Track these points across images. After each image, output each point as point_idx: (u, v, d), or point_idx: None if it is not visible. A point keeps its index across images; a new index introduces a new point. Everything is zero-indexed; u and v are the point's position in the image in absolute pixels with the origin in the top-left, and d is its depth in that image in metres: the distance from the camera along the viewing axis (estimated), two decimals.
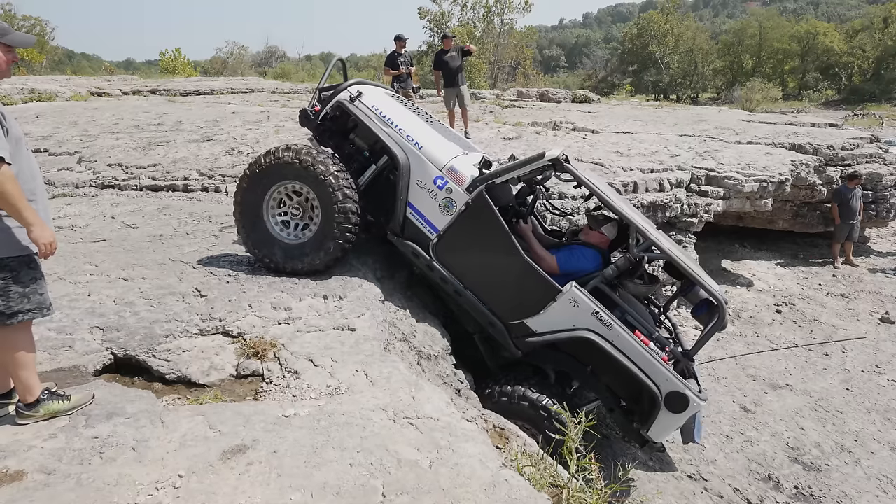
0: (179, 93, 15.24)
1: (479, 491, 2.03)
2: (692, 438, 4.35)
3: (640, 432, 4.16)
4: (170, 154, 7.65)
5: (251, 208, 3.95)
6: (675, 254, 4.03)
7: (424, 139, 4.12)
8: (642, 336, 3.98)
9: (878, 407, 6.03)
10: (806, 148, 9.69)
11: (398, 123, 4.13)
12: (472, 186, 3.94)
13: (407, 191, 4.01)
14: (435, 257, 4.03)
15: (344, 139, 4.36)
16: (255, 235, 3.96)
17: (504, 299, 4.05)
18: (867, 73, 49.24)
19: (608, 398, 4.26)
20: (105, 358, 2.89)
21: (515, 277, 3.98)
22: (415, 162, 4.01)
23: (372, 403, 2.56)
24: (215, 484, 2.00)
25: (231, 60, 45.12)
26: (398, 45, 9.11)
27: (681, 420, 4.04)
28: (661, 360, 3.93)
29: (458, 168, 4.03)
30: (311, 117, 4.29)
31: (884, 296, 8.84)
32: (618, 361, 3.86)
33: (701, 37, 55.15)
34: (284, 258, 3.91)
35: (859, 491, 4.79)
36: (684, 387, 3.93)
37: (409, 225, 4.06)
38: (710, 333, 4.06)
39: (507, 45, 36.76)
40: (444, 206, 3.97)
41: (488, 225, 3.93)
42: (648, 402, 4.04)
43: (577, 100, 17.72)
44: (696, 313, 4.52)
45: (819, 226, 9.90)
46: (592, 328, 3.86)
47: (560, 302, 3.89)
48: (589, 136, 10.02)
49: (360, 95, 4.19)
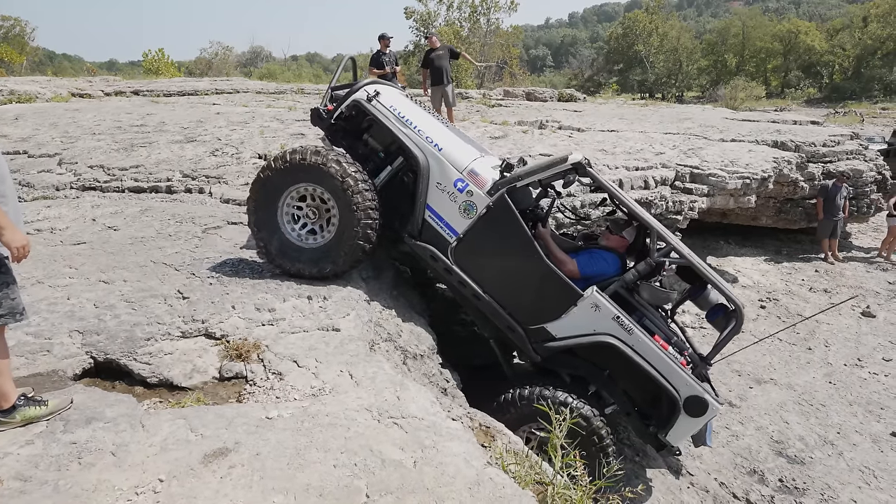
0: (163, 93, 15.06)
1: (464, 489, 2.03)
2: (703, 441, 4.34)
3: (658, 436, 4.14)
4: (152, 155, 7.55)
5: (266, 212, 3.84)
6: (695, 259, 4.03)
7: (443, 141, 4.05)
8: (661, 340, 3.97)
9: (860, 399, 6.13)
10: (788, 145, 9.81)
11: (417, 124, 4.04)
12: (494, 189, 3.88)
13: (426, 193, 3.94)
14: (454, 261, 3.96)
15: (357, 140, 4.27)
16: (269, 238, 3.85)
17: (524, 304, 4.00)
18: (847, 71, 49.99)
19: (625, 402, 4.24)
20: (84, 362, 2.84)
21: (536, 282, 3.93)
22: (434, 164, 3.94)
23: (356, 404, 2.54)
24: (196, 488, 1.98)
25: (216, 61, 44.74)
26: (382, 45, 9.09)
27: (699, 424, 4.05)
28: (680, 365, 3.93)
29: (478, 171, 3.97)
30: (324, 117, 4.19)
31: (865, 290, 8.98)
32: (639, 366, 3.84)
33: (685, 36, 55.70)
34: (299, 262, 3.82)
35: (842, 483, 4.86)
36: (703, 391, 3.94)
37: (427, 228, 3.98)
38: (728, 338, 4.07)
39: (493, 44, 36.80)
40: (464, 209, 3.90)
41: (509, 228, 3.88)
42: (668, 407, 4.03)
43: (564, 99, 17.77)
44: (711, 318, 4.49)
45: (802, 222, 10.03)
46: (613, 333, 3.84)
47: (581, 307, 3.86)
48: (575, 135, 10.06)
49: (377, 95, 4.10)
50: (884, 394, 6.25)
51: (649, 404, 4.22)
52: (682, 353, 4.13)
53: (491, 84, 29.30)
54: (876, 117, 34.53)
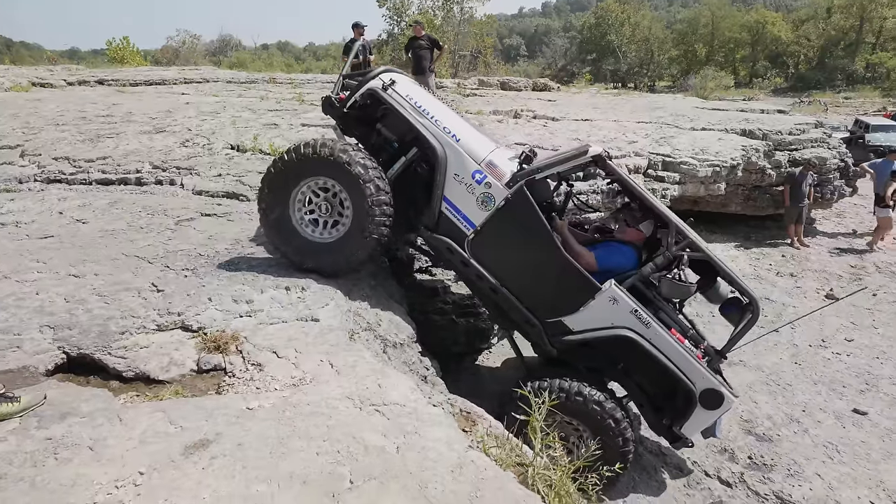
0: (129, 83, 14.62)
1: (447, 473, 2.06)
2: (713, 433, 4.40)
3: (673, 429, 4.19)
4: (120, 146, 7.35)
5: (277, 207, 3.78)
6: (712, 253, 4.07)
7: (461, 131, 3.98)
8: (677, 334, 4.00)
9: (823, 379, 6.37)
10: (756, 133, 10.05)
11: (434, 114, 3.97)
12: (512, 181, 3.83)
13: (443, 185, 3.87)
14: (471, 253, 3.92)
15: (370, 129, 4.19)
16: (281, 234, 3.80)
17: (542, 297, 3.99)
18: (812, 61, 51.30)
19: (639, 395, 4.29)
20: (57, 357, 2.78)
21: (554, 275, 3.92)
22: (452, 155, 3.87)
23: (338, 392, 2.55)
24: (178, 479, 1.97)
25: (183, 49, 43.60)
26: (356, 33, 9.00)
27: (714, 416, 4.09)
28: (696, 358, 3.97)
29: (496, 162, 3.91)
30: (337, 105, 4.10)
31: (829, 274, 9.29)
32: (656, 360, 3.86)
33: (656, 26, 56.41)
34: (312, 257, 3.77)
35: (807, 458, 5.06)
36: (719, 384, 3.99)
37: (444, 220, 3.92)
38: (744, 331, 4.11)
39: (467, 33, 36.65)
40: (482, 202, 3.84)
41: (528, 221, 3.85)
42: (684, 400, 4.07)
43: (538, 88, 17.85)
44: (724, 311, 4.52)
45: (769, 208, 10.31)
46: (632, 327, 3.84)
47: (599, 300, 3.86)
48: (549, 124, 10.14)
49: (393, 83, 4.02)
50: (846, 373, 6.50)
51: (663, 397, 4.24)
52: (697, 346, 4.15)
53: (465, 73, 29.22)
54: (839, 106, 35.55)
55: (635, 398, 4.31)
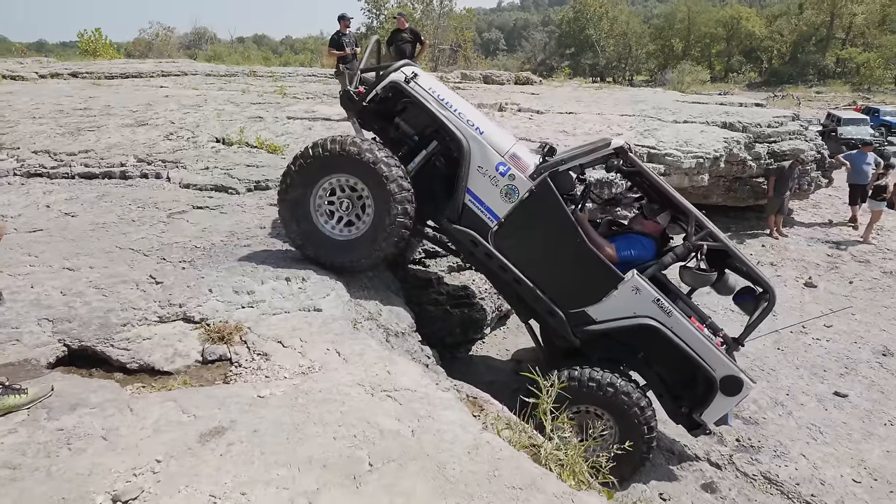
0: (104, 76, 14.28)
1: (463, 454, 2.09)
2: (725, 421, 4.49)
3: (693, 416, 4.26)
4: (102, 139, 7.20)
5: (298, 204, 3.75)
6: (730, 243, 4.17)
7: (484, 125, 3.99)
8: (696, 322, 4.08)
9: (805, 363, 6.56)
10: (736, 126, 10.25)
11: (457, 107, 3.96)
12: (536, 174, 3.86)
13: (467, 177, 3.86)
14: (494, 245, 3.92)
15: (388, 123, 4.16)
16: (304, 231, 3.77)
17: (565, 287, 4.02)
18: (785, 56, 52.35)
19: (658, 384, 4.35)
20: (58, 350, 2.75)
21: (578, 266, 3.96)
22: (476, 147, 3.86)
23: (348, 379, 2.56)
24: (197, 466, 1.97)
25: (157, 42, 42.74)
26: (342, 25, 8.90)
27: (734, 403, 4.19)
28: (716, 346, 4.06)
29: (520, 154, 3.94)
30: (356, 99, 4.06)
31: (807, 263, 9.55)
32: (678, 348, 3.93)
33: (634, 20, 56.96)
34: (334, 254, 3.75)
35: (792, 439, 5.23)
36: (739, 370, 4.09)
37: (468, 212, 3.92)
38: (760, 320, 4.23)
39: (446, 27, 36.58)
40: (506, 193, 3.85)
41: (552, 213, 3.89)
42: (704, 387, 4.14)
43: (521, 82, 17.92)
44: (738, 300, 4.63)
45: (750, 199, 10.54)
46: (654, 315, 3.91)
47: (621, 290, 3.92)
48: (535, 117, 10.21)
49: (415, 76, 3.99)
50: (826, 357, 6.72)
51: (682, 385, 4.31)
52: (716, 333, 4.25)
53: (446, 67, 29.18)
54: (811, 100, 36.37)
55: (654, 387, 4.38)
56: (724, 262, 4.49)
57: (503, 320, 6.66)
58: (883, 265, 9.40)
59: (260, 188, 5.68)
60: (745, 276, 4.55)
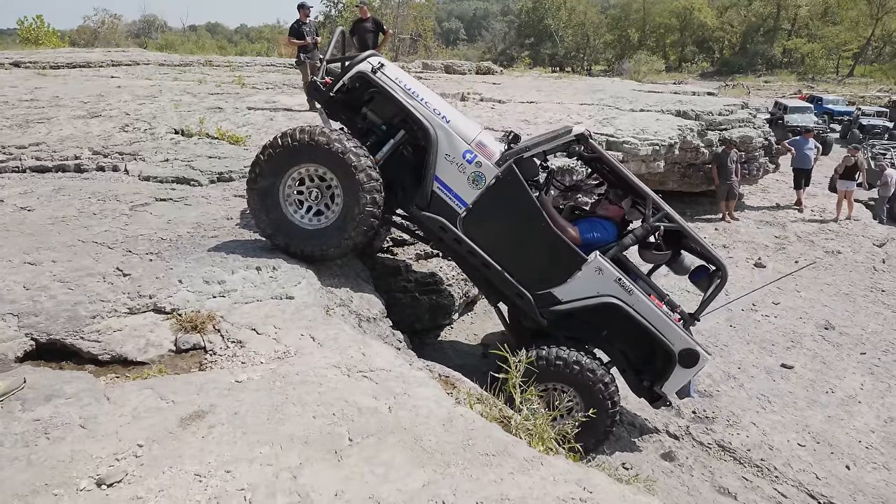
0: (49, 65, 13.66)
1: (439, 426, 2.21)
2: (687, 393, 4.72)
3: (654, 389, 4.48)
4: (53, 132, 6.95)
5: (267, 194, 3.76)
6: (685, 224, 4.40)
7: (450, 113, 4.08)
8: (655, 299, 4.28)
9: (755, 339, 6.95)
10: (689, 114, 10.64)
11: (423, 97, 4.04)
12: (502, 160, 3.98)
13: (435, 165, 3.94)
14: (463, 231, 4.03)
15: (355, 113, 4.20)
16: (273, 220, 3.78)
17: (532, 270, 4.17)
18: (735, 46, 54.07)
19: (621, 360, 4.56)
20: (25, 344, 2.71)
21: (544, 248, 4.11)
22: (443, 136, 3.95)
23: (324, 362, 2.63)
24: (179, 448, 2.01)
25: (103, 30, 40.89)
26: (302, 14, 8.79)
27: (691, 374, 4.41)
28: (674, 321, 4.27)
29: (486, 142, 4.05)
30: (323, 90, 4.09)
31: (756, 244, 10.04)
32: (639, 324, 4.13)
33: (591, 11, 57.70)
34: (304, 243, 3.78)
35: (744, 409, 5.56)
36: (695, 344, 4.32)
37: (436, 199, 4.01)
38: (714, 296, 4.48)
39: (406, 16, 36.29)
40: (473, 180, 3.97)
41: (518, 198, 4.03)
42: (663, 360, 4.36)
43: (482, 72, 18.05)
44: (694, 278, 4.89)
45: (703, 185, 10.97)
46: (616, 294, 4.09)
47: (586, 270, 4.09)
48: (497, 107, 10.35)
49: (382, 66, 4.04)
50: (774, 332, 7.13)
51: (643, 360, 4.55)
52: (673, 310, 4.48)
53: (406, 57, 29.02)
54: (760, 89, 37.76)
55: (618, 363, 4.60)
56: (679, 243, 4.73)
57: (471, 306, 6.80)
58: (826, 245, 9.98)
59: (224, 179, 5.62)
60: (699, 256, 4.81)
